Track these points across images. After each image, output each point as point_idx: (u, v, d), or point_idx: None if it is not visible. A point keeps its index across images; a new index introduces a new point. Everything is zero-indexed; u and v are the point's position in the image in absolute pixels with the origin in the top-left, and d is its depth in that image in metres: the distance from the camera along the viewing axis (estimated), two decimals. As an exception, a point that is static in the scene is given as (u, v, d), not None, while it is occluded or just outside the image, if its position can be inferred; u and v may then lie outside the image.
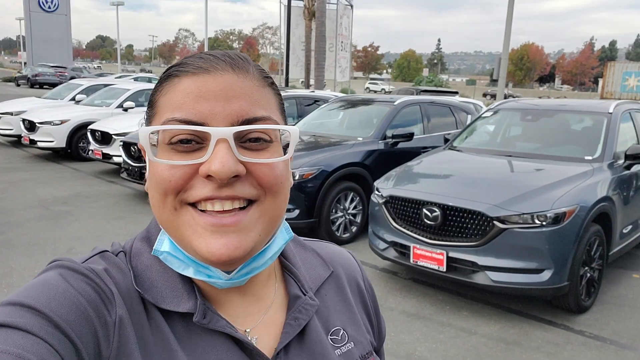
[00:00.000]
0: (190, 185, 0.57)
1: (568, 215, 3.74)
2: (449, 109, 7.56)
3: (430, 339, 3.58)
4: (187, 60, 0.61)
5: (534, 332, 3.71)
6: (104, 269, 0.60)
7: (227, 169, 0.55)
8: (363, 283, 0.81)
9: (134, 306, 0.59)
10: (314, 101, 9.52)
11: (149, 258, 0.64)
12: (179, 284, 0.62)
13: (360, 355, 0.72)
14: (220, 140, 0.56)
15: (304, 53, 23.21)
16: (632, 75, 28.88)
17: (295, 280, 0.71)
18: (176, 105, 0.58)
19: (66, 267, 0.58)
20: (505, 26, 15.41)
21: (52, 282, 0.55)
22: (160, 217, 0.60)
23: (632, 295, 4.44)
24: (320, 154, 5.71)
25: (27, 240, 5.36)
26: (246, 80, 0.60)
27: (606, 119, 4.86)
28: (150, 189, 0.61)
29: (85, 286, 0.57)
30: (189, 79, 0.59)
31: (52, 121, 9.78)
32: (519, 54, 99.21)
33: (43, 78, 31.95)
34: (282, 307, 0.70)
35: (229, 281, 0.61)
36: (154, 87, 0.64)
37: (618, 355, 3.44)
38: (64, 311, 0.53)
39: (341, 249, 0.83)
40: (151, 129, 0.58)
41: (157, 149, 0.59)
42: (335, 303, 0.74)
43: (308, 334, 0.68)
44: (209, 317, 0.61)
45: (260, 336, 0.65)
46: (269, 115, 0.60)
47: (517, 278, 3.75)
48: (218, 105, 0.57)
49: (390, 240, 4.39)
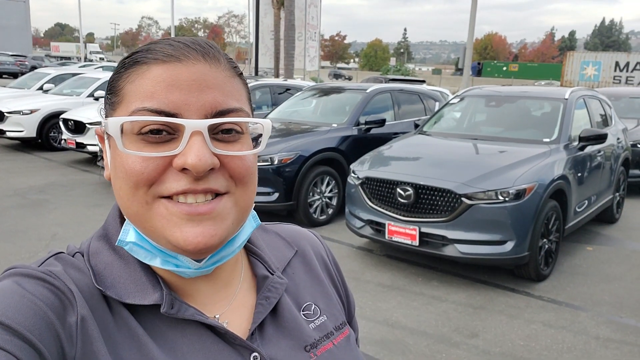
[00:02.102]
0: (163, 179, 0.56)
1: (528, 192, 4.10)
2: (418, 96, 7.90)
3: (405, 306, 3.90)
4: (154, 46, 0.59)
5: (498, 298, 4.07)
6: (62, 269, 0.59)
7: (204, 162, 0.54)
8: (327, 258, 0.82)
9: (96, 305, 0.58)
10: (286, 89, 9.72)
11: (108, 256, 0.63)
12: (142, 277, 0.61)
13: (334, 327, 0.73)
14: (195, 132, 0.55)
15: (272, 42, 23.25)
16: (590, 65, 30.05)
17: (262, 262, 0.72)
18: (146, 94, 0.56)
19: (20, 274, 0.57)
20: (469, 16, 15.88)
21: (6, 290, 0.54)
22: (128, 209, 0.59)
23: (585, 265, 4.87)
24: (298, 139, 5.94)
25: (9, 227, 5.41)
26: (218, 71, 0.59)
27: (562, 104, 5.26)
28: (116, 179, 0.59)
29: (42, 290, 0.55)
30: (160, 67, 0.57)
31: (22, 110, 9.66)
32: (483, 43, 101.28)
33: (2, 67, 30.85)
34: (251, 289, 0.70)
35: (198, 270, 0.61)
36: (115, 70, 0.62)
37: (572, 315, 3.83)
38: (22, 318, 0.52)
39: (302, 229, 0.84)
40: (124, 119, 0.56)
41: (123, 139, 0.57)
42: (303, 280, 0.75)
43: (280, 311, 0.69)
44: (177, 306, 0.60)
45: (231, 320, 0.66)
46: (241, 107, 0.60)
47: (483, 249, 4.11)
48: (191, 96, 0.56)
49: (366, 219, 4.68)
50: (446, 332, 3.53)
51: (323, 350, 0.69)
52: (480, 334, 3.51)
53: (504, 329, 3.59)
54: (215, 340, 0.61)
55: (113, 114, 0.60)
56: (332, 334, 0.72)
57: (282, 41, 21.13)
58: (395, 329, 3.56)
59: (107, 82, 0.63)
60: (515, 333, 3.53)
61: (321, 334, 0.71)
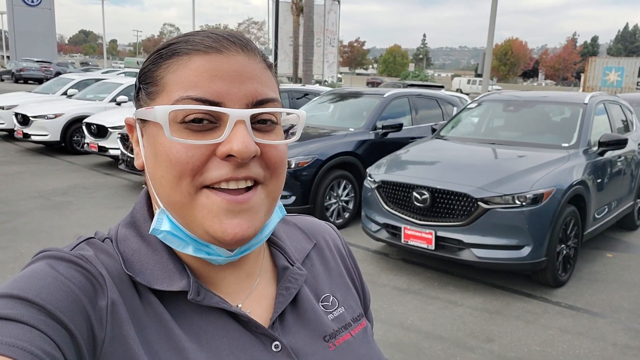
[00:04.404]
0: (206, 168, 0.58)
1: (546, 196, 4.08)
2: (435, 101, 7.90)
3: (420, 310, 3.90)
4: (192, 38, 0.61)
5: (514, 304, 4.05)
6: (93, 254, 0.61)
7: (249, 149, 0.57)
8: (344, 250, 0.84)
9: (125, 289, 0.60)
10: (304, 95, 9.80)
11: (136, 242, 0.64)
12: (169, 264, 0.63)
13: (351, 318, 0.75)
14: (239, 121, 0.57)
15: (291, 48, 23.44)
16: (612, 70, 29.60)
17: (282, 253, 0.74)
18: (189, 84, 0.58)
19: (53, 256, 0.58)
20: (489, 21, 15.80)
21: (40, 272, 0.55)
22: (170, 197, 0.60)
23: (605, 272, 4.80)
24: (315, 143, 5.99)
25: (33, 227, 5.56)
26: (255, 62, 0.62)
27: (582, 109, 5.21)
28: (157, 168, 0.60)
29: (74, 273, 0.57)
30: (201, 58, 0.59)
31: (47, 115, 9.91)
32: (503, 49, 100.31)
33: (28, 73, 31.71)
34: (271, 279, 0.72)
35: (228, 258, 0.63)
36: (149, 61, 0.63)
37: (590, 321, 3.79)
38: (55, 299, 0.53)
39: (320, 221, 0.86)
40: (172, 107, 0.57)
41: (170, 127, 0.58)
42: (321, 272, 0.77)
43: (300, 302, 0.70)
44: (203, 294, 0.62)
45: (253, 309, 0.67)
46: (277, 97, 0.62)
47: (500, 254, 4.09)
48: (233, 86, 0.58)
49: (382, 223, 4.70)
50: (461, 336, 3.52)
51: (341, 340, 0.71)
52: (496, 339, 3.49)
53: (520, 334, 3.57)
54: (238, 328, 0.63)
55: (152, 103, 0.61)
56: (350, 325, 0.73)
57: (301, 47, 21.29)
58: (411, 332, 3.57)
59: (140, 72, 0.64)
60: (531, 338, 3.51)
61: (339, 324, 0.72)
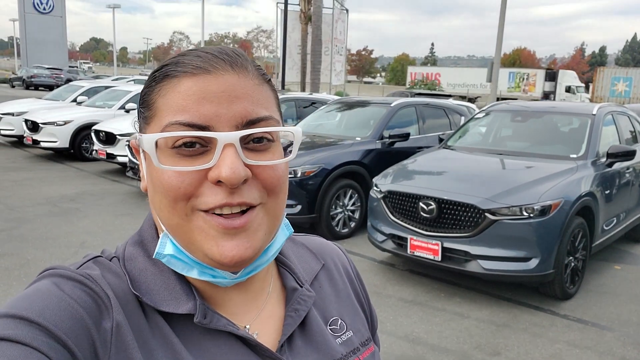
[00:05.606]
0: (200, 192, 0.57)
1: (553, 208, 4.04)
2: (443, 110, 7.88)
3: (426, 322, 3.87)
4: (183, 59, 0.60)
5: (522, 316, 4.00)
6: (99, 273, 0.60)
7: (237, 175, 0.55)
8: (352, 272, 0.82)
9: (132, 310, 0.59)
10: (311, 103, 9.82)
11: (143, 262, 0.63)
12: (176, 286, 0.62)
13: (360, 342, 0.73)
14: (227, 145, 0.56)
15: (299, 56, 23.55)
16: (621, 80, 29.46)
17: (291, 274, 0.72)
18: (178, 108, 0.57)
19: (59, 275, 0.58)
20: (497, 31, 15.79)
21: (44, 291, 0.55)
22: (169, 221, 0.60)
23: (613, 285, 4.75)
24: (321, 152, 5.99)
25: (40, 234, 5.59)
26: (246, 80, 0.60)
27: (590, 120, 5.18)
28: (155, 193, 0.60)
29: (79, 293, 0.56)
30: (190, 80, 0.58)
31: (56, 122, 10.00)
32: (511, 58, 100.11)
33: (38, 80, 32.03)
34: (280, 300, 0.70)
35: (233, 280, 0.62)
36: (146, 84, 0.63)
37: (597, 335, 3.74)
38: (58, 319, 0.52)
39: (328, 242, 0.84)
40: (157, 135, 0.57)
41: (159, 154, 0.58)
42: (329, 294, 0.75)
43: (308, 325, 0.69)
44: (210, 317, 0.61)
45: (261, 331, 0.66)
46: (270, 115, 0.60)
47: (507, 266, 4.05)
48: (221, 107, 0.57)
49: (388, 233, 4.67)
50: (467, 349, 3.49)
51: None
52: (503, 352, 3.45)
53: (527, 347, 3.53)
54: (246, 352, 0.62)
55: (147, 127, 0.61)
56: (359, 349, 0.72)
57: (309, 55, 21.37)
58: (416, 344, 3.54)
59: (140, 95, 0.65)
60: (538, 352, 3.47)
61: (348, 349, 0.71)
